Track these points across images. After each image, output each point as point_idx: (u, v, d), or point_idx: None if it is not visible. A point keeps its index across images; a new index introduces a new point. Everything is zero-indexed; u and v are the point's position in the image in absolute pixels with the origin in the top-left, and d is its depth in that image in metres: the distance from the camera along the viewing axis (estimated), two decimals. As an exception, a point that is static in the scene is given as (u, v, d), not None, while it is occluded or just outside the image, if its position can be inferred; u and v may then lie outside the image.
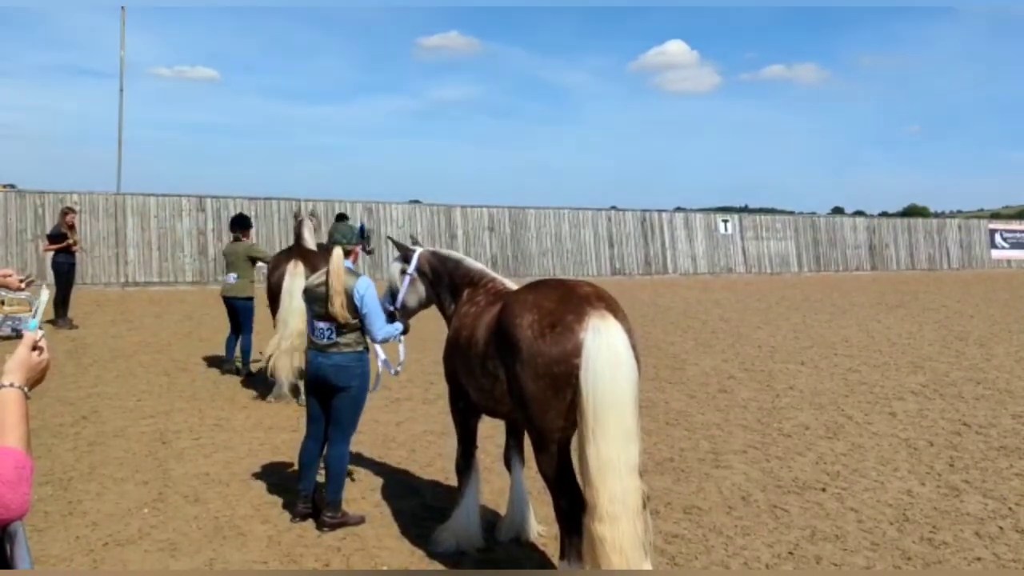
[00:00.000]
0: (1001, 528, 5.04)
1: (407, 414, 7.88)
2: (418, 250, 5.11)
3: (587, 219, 27.66)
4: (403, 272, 5.07)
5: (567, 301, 3.70)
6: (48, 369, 2.11)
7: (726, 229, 30.30)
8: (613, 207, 30.84)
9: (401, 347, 5.17)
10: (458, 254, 5.13)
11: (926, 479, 6.00)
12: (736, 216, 31.95)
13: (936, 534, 4.92)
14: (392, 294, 5.10)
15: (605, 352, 3.49)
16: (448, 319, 4.86)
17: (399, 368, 5.36)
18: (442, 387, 8.82)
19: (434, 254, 5.10)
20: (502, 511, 5.02)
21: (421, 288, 5.05)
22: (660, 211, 29.78)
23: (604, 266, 27.27)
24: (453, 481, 5.79)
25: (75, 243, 13.31)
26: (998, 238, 36.99)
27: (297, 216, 9.76)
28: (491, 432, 6.11)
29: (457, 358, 4.43)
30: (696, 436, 7.15)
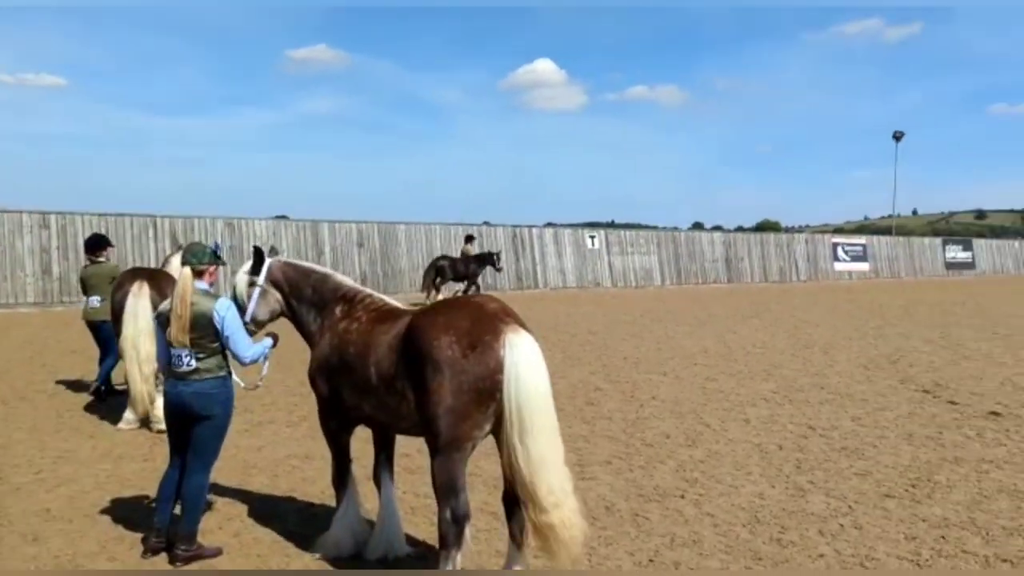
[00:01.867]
0: (842, 525, 5.38)
1: (269, 438, 7.61)
2: (269, 260, 4.96)
3: (459, 234, 27.73)
4: (252, 284, 4.90)
5: (480, 320, 3.94)
6: None
7: (593, 244, 31.14)
8: (485, 222, 31.12)
9: (266, 362, 5.00)
10: (323, 268, 5.05)
11: (776, 481, 6.34)
12: (603, 231, 32.93)
13: (784, 534, 5.21)
14: (239, 306, 4.87)
15: (524, 364, 3.82)
16: (308, 334, 4.79)
17: (260, 383, 5.21)
18: (307, 409, 8.65)
19: (291, 265, 4.99)
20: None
21: (272, 300, 4.91)
22: (530, 226, 30.30)
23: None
24: (318, 506, 5.68)
25: None
26: (840, 251, 39.83)
27: (178, 246, 9.56)
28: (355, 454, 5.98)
29: (342, 376, 4.43)
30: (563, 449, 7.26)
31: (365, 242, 25.48)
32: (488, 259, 22.57)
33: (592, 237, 31.44)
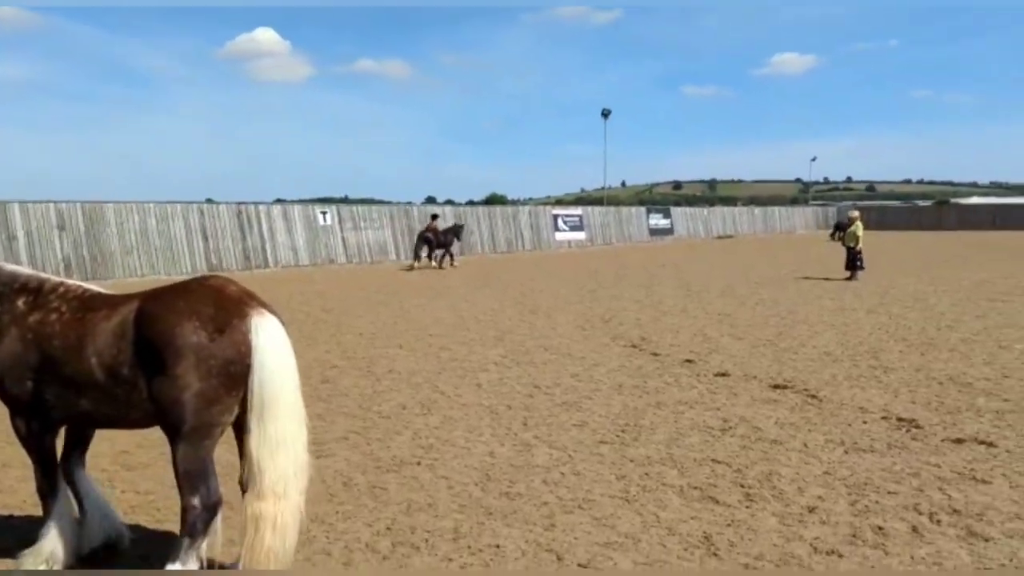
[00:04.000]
0: (563, 473, 5.85)
1: (-44, 449, 6.66)
2: None
3: (177, 213, 25.84)
4: None
5: (224, 304, 3.87)
6: None
7: (325, 220, 30.52)
8: (208, 200, 29.30)
9: None
10: None
11: (505, 440, 6.73)
12: (335, 207, 32.35)
13: (512, 487, 5.56)
14: None
15: (272, 347, 3.84)
16: None
17: None
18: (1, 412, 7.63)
19: None
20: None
21: None
22: (257, 203, 28.97)
23: (199, 262, 25.75)
24: (19, 518, 5.10)
25: None
26: (560, 222, 42.56)
27: None
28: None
29: (46, 373, 4.03)
30: (299, 429, 7.13)
31: (67, 225, 22.89)
32: (457, 230, 29.23)
33: (324, 213, 30.79)
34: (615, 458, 6.19)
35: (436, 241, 28.01)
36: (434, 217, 29.56)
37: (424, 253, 27.84)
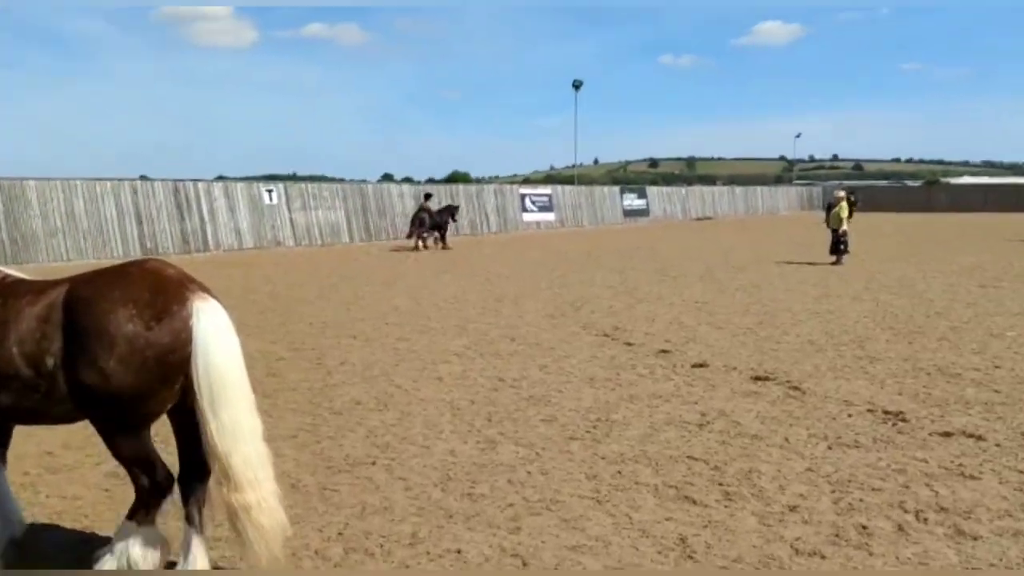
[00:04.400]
0: (529, 472, 5.87)
1: None
2: None
3: (107, 191, 25.41)
4: None
5: (162, 289, 3.85)
6: None
7: (272, 199, 30.22)
8: (142, 176, 28.87)
9: None
10: None
11: (467, 437, 6.73)
12: (282, 184, 32.04)
13: (475, 488, 5.56)
14: None
15: (215, 333, 3.84)
16: None
17: None
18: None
19: None
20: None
21: None
22: (196, 180, 28.59)
23: (132, 246, 25.37)
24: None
25: None
26: (527, 202, 42.61)
27: None
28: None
29: None
30: (242, 427, 7.07)
31: (-16, 203, 22.38)
32: (452, 210, 30.49)
33: (270, 191, 30.48)
34: (585, 456, 6.23)
35: (431, 222, 29.11)
36: (427, 197, 30.82)
37: (424, 234, 28.67)
